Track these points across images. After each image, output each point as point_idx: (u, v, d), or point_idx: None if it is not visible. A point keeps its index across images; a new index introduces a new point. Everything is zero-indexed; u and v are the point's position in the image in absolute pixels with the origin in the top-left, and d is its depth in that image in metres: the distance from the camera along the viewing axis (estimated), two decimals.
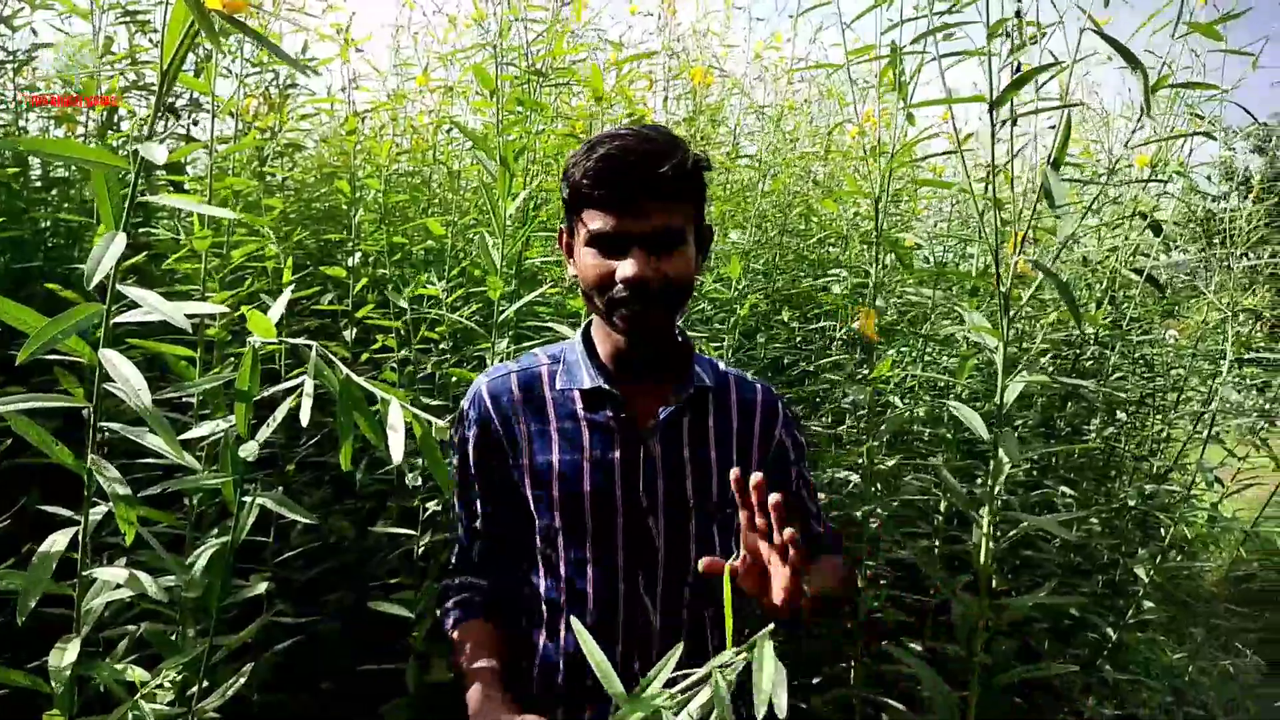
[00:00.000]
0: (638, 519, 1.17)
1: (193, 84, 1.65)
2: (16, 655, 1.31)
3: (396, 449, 0.85)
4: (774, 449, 1.28)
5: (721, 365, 1.31)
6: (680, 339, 1.26)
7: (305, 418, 0.86)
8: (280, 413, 1.00)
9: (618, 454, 1.17)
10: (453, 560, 1.31)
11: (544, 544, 1.20)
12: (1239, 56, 1.56)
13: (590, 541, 1.17)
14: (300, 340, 0.89)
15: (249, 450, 1.05)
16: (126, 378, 0.88)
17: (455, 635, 1.21)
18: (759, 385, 1.31)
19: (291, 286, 1.70)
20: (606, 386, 1.18)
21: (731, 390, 1.27)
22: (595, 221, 1.10)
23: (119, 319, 0.94)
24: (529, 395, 1.21)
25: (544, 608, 1.21)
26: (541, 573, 1.21)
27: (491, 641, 1.19)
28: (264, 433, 1.03)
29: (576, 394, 1.19)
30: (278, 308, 0.98)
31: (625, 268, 1.08)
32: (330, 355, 0.90)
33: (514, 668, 1.19)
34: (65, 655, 1.00)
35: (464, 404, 1.25)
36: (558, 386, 1.21)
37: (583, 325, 1.27)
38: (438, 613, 1.29)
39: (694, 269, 1.16)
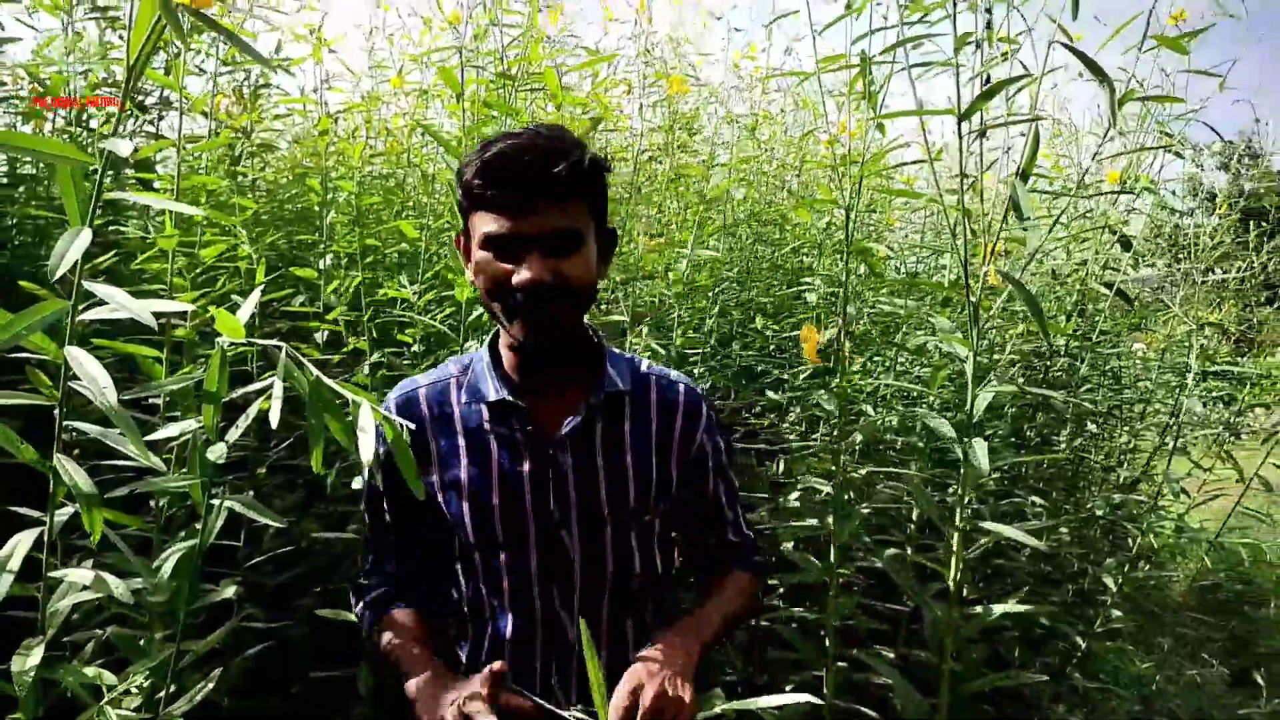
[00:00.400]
0: (550, 531, 1.14)
1: (162, 80, 1.63)
2: None
3: (366, 451, 0.85)
4: (694, 452, 1.25)
5: (644, 365, 1.27)
6: (595, 340, 1.23)
7: (275, 420, 0.85)
8: (250, 415, 0.99)
9: (526, 467, 1.14)
10: (366, 567, 1.28)
11: (460, 559, 1.18)
12: (1205, 78, 1.60)
13: (504, 555, 1.15)
14: (270, 342, 0.88)
15: (217, 452, 1.04)
16: (93, 376, 0.87)
17: (377, 630, 1.18)
18: (682, 385, 1.27)
19: (261, 287, 1.69)
20: (511, 399, 1.14)
21: (651, 391, 1.24)
22: (489, 224, 1.06)
23: (87, 317, 0.92)
24: (437, 410, 1.18)
25: (466, 625, 1.20)
26: (462, 589, 1.19)
27: (416, 625, 1.17)
28: (233, 434, 1.02)
29: (484, 408, 1.16)
30: (247, 308, 0.97)
31: (522, 272, 1.05)
32: (300, 357, 0.89)
33: (441, 646, 1.18)
34: (29, 659, 0.98)
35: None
36: (464, 399, 1.18)
37: (489, 336, 1.24)
38: (353, 616, 1.25)
39: (595, 271, 1.13)
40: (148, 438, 0.93)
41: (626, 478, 1.18)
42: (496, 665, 0.99)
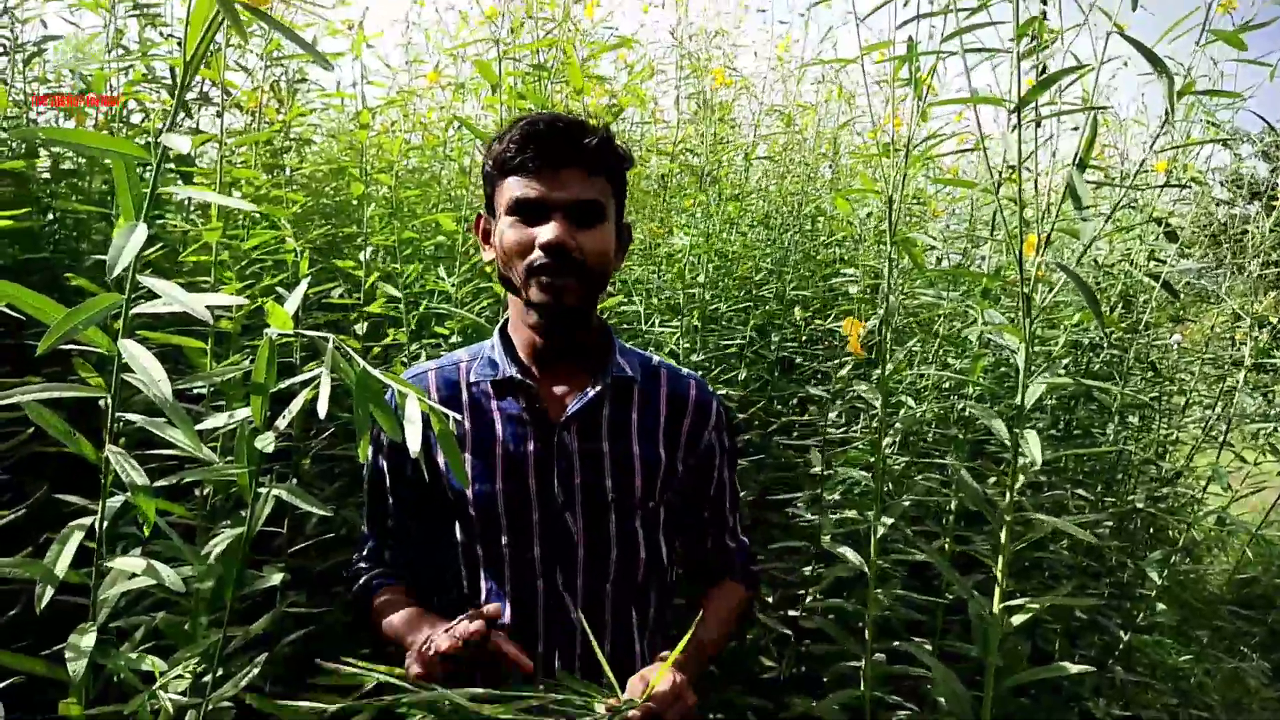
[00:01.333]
0: (554, 514, 1.14)
1: (204, 72, 1.65)
2: (34, 645, 1.31)
3: (414, 441, 0.85)
4: (701, 448, 1.25)
5: (655, 358, 1.28)
6: (601, 330, 1.24)
7: (323, 410, 0.86)
8: (296, 405, 0.99)
9: (531, 448, 1.15)
10: (362, 554, 1.28)
11: (463, 542, 1.18)
12: (1253, 66, 1.57)
13: (506, 537, 1.15)
14: (318, 333, 0.89)
15: (266, 441, 1.04)
16: (146, 369, 0.87)
17: (375, 608, 1.19)
18: (693, 381, 1.27)
19: (308, 279, 1.70)
20: (519, 376, 1.16)
21: (661, 383, 1.24)
22: (519, 189, 1.10)
23: (140, 310, 0.93)
24: (445, 392, 1.19)
25: (468, 606, 1.19)
26: (463, 572, 1.18)
27: (410, 597, 1.18)
28: (281, 423, 1.02)
29: (489, 386, 1.18)
30: (294, 300, 0.97)
31: (545, 232, 1.08)
32: (347, 348, 0.90)
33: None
34: (82, 643, 0.99)
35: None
36: (472, 380, 1.19)
37: (500, 321, 1.25)
38: (349, 598, 1.27)
39: (612, 254, 1.15)
40: (197, 427, 0.93)
41: (633, 464, 1.17)
42: (491, 607, 0.99)
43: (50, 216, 2.13)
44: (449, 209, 2.12)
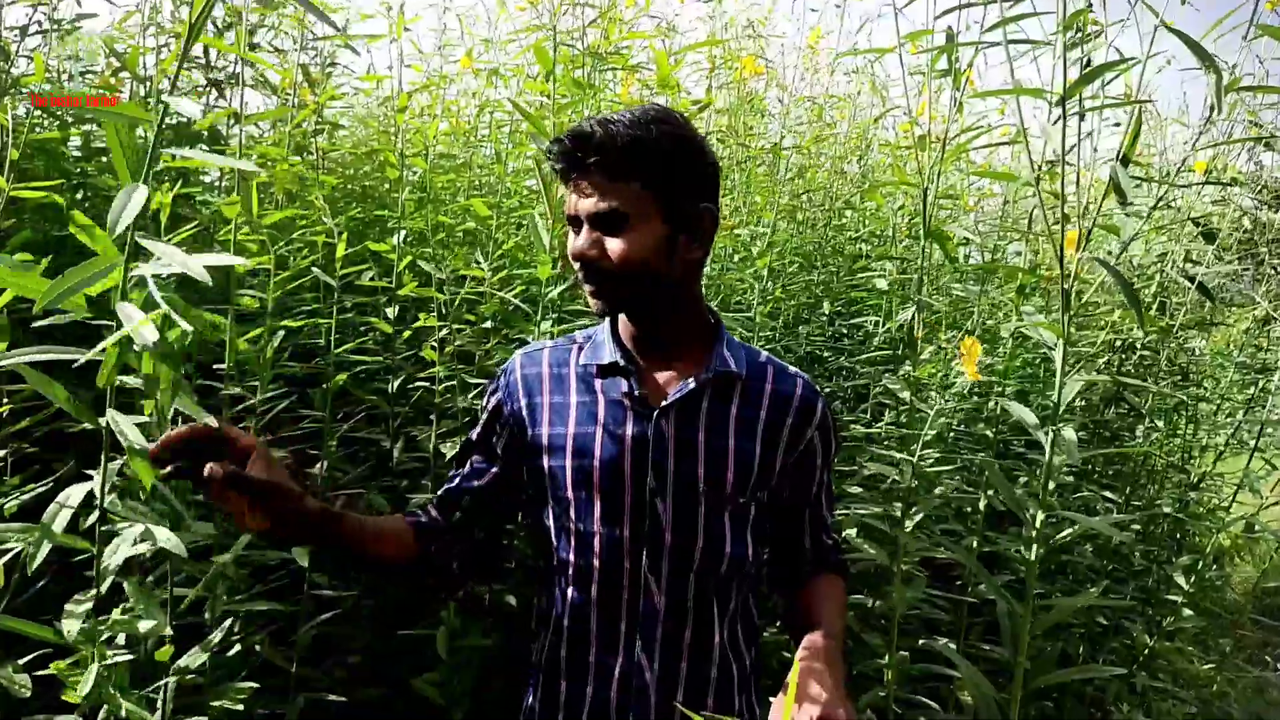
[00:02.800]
0: (645, 498, 1.16)
1: (231, 49, 1.65)
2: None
3: None
4: (803, 447, 1.25)
5: (762, 355, 1.28)
6: (710, 320, 1.25)
7: None
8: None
9: (629, 429, 1.16)
10: (435, 494, 1.30)
11: (557, 515, 1.20)
12: None
13: (599, 514, 1.17)
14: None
15: None
16: (131, 318, 0.85)
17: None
18: (800, 380, 1.27)
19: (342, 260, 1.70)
20: (622, 362, 1.18)
21: (767, 380, 1.24)
22: (567, 198, 1.15)
23: (140, 273, 0.91)
24: (556, 369, 1.23)
25: (557, 578, 1.21)
26: (554, 545, 1.21)
27: (389, 520, 1.20)
28: None
29: (595, 368, 1.20)
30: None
31: (570, 245, 1.13)
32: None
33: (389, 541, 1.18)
34: (78, 609, 1.00)
35: (499, 370, 1.28)
36: (581, 362, 1.22)
37: None
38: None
39: (652, 253, 1.13)
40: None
41: (726, 458, 1.18)
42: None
43: (80, 195, 2.15)
44: (479, 195, 2.12)
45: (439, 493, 1.27)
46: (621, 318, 1.22)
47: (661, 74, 1.62)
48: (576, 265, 1.14)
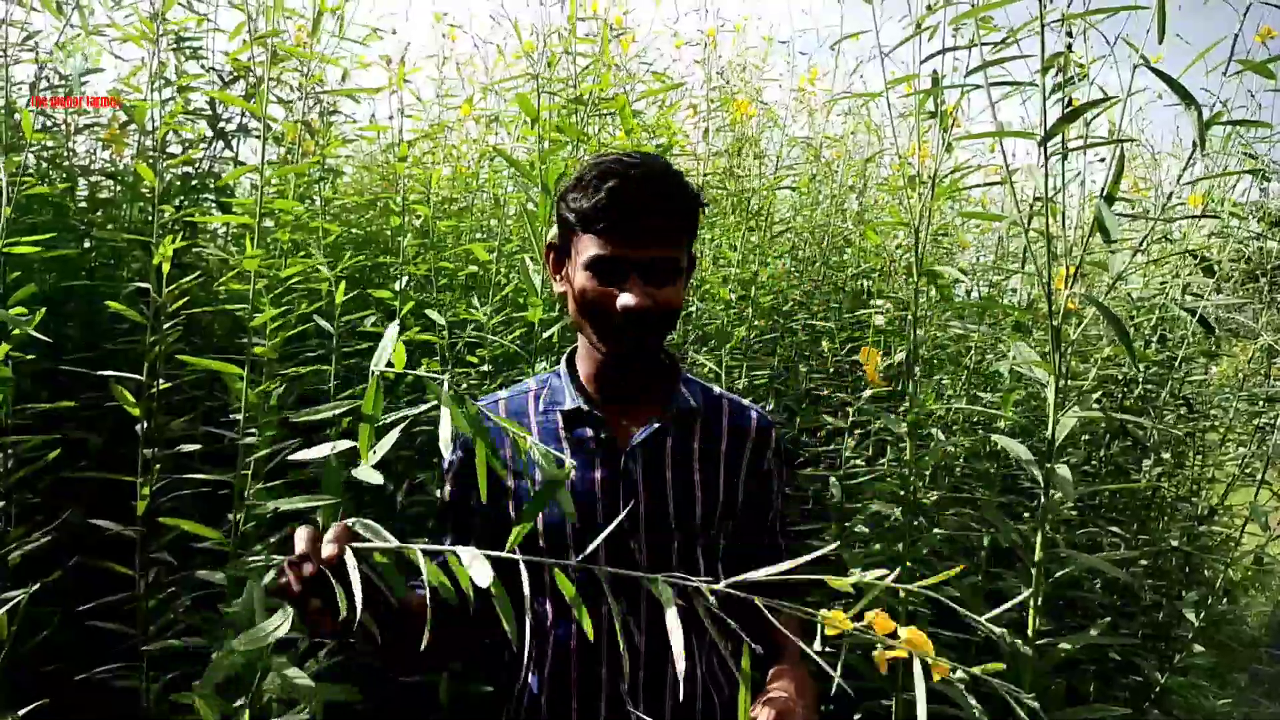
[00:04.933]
0: (620, 540, 1.16)
1: (245, 105, 1.69)
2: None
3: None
4: (761, 474, 1.28)
5: (716, 389, 1.31)
6: (667, 361, 1.26)
7: (446, 449, 0.79)
8: (388, 440, 0.93)
9: (598, 474, 1.17)
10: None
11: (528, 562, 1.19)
12: None
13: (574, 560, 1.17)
14: (430, 374, 0.87)
15: (370, 473, 0.93)
16: None
17: None
18: (754, 411, 1.30)
19: (342, 309, 1.72)
20: (587, 407, 1.18)
21: (724, 413, 1.27)
22: (596, 248, 1.10)
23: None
24: (516, 420, 1.22)
25: (529, 633, 1.20)
26: (525, 592, 1.19)
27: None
28: (374, 456, 0.92)
29: (559, 415, 1.20)
30: (385, 345, 0.90)
31: (626, 298, 1.08)
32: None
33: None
34: None
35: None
36: (541, 409, 1.22)
37: (568, 351, 1.28)
38: None
39: (682, 297, 1.18)
40: (302, 455, 0.90)
41: (694, 492, 1.20)
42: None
43: (87, 244, 2.18)
44: (481, 239, 2.15)
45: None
46: (587, 359, 1.22)
47: (623, 118, 1.64)
48: (622, 320, 1.10)
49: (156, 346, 1.49)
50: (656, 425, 1.18)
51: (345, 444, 0.86)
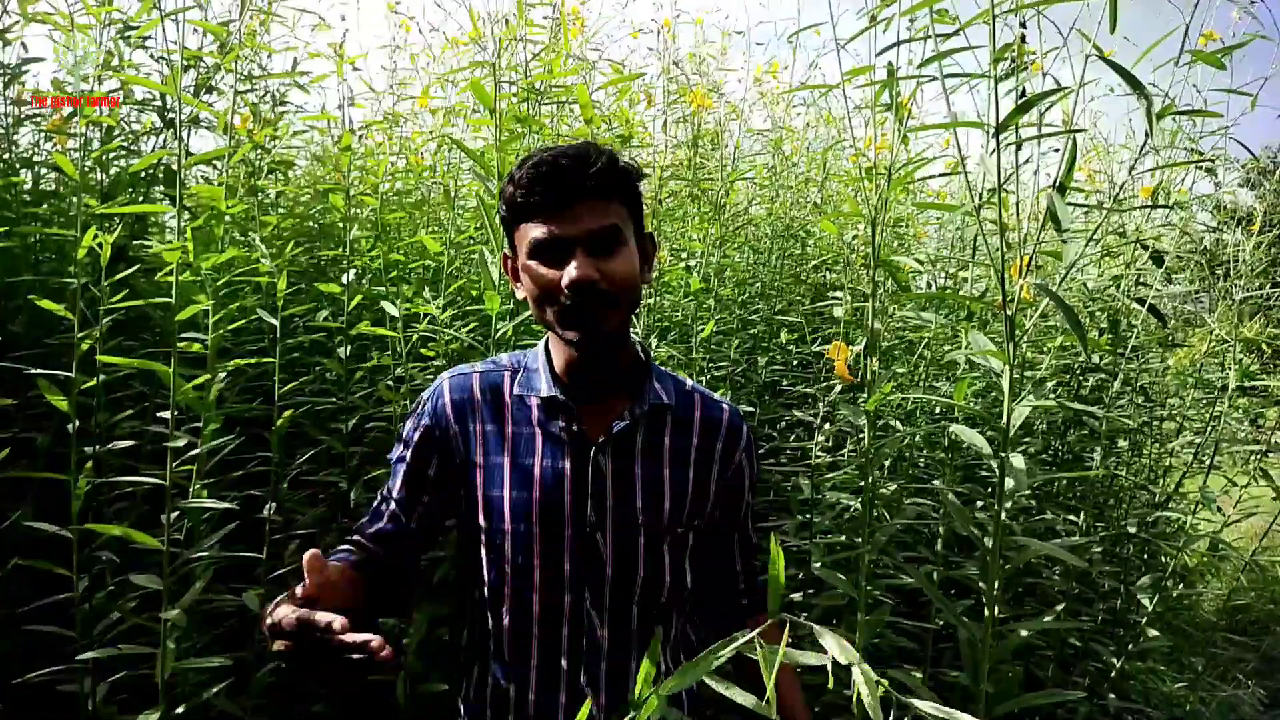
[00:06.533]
0: (585, 533, 1.16)
1: (195, 103, 1.65)
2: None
3: None
4: (732, 471, 1.27)
5: (688, 383, 1.30)
6: (642, 355, 1.25)
7: None
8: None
9: (568, 465, 1.16)
10: (358, 526, 1.24)
11: (491, 548, 1.17)
12: (1239, 98, 1.59)
13: (538, 549, 1.15)
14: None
15: None
16: None
17: None
18: (725, 406, 1.30)
19: (295, 303, 1.68)
20: (561, 397, 1.17)
21: (696, 408, 1.26)
22: (534, 231, 1.10)
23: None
24: (489, 397, 1.21)
25: (490, 611, 1.18)
26: (487, 576, 1.18)
27: (357, 567, 1.13)
28: None
29: (534, 401, 1.19)
30: None
31: (569, 271, 1.08)
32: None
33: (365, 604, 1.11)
34: None
35: (424, 394, 1.24)
36: (516, 392, 1.21)
37: (543, 340, 1.27)
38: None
39: (639, 272, 1.16)
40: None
41: (663, 489, 1.19)
42: (308, 555, 0.89)
43: (33, 239, 2.12)
44: (435, 232, 2.11)
45: (373, 524, 1.21)
46: (559, 351, 1.21)
47: (583, 104, 1.62)
48: (569, 291, 1.09)
49: (84, 342, 1.44)
50: (627, 420, 1.18)
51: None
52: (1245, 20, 1.65)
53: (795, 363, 2.35)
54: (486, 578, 1.18)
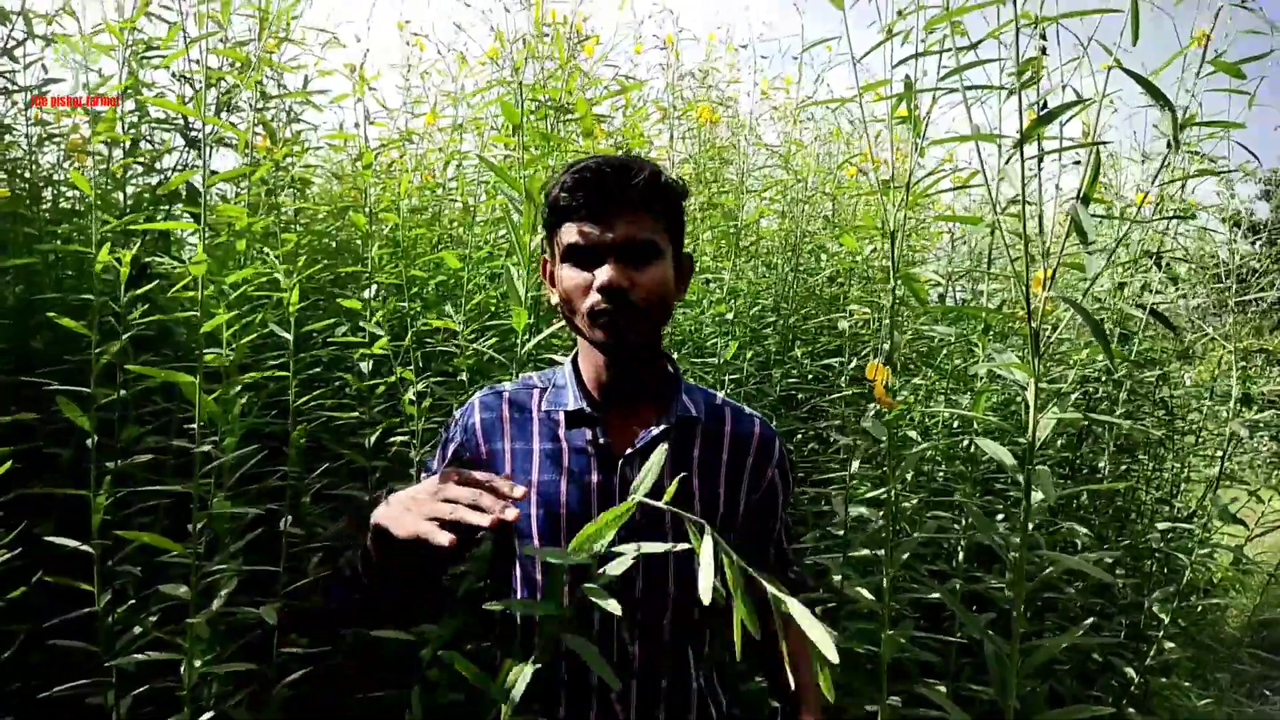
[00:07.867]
0: (614, 546, 1.15)
1: (219, 123, 1.66)
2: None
3: None
4: (765, 486, 1.27)
5: (719, 397, 1.30)
6: (670, 369, 1.26)
7: None
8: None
9: (594, 478, 1.16)
10: None
11: (522, 564, 1.18)
12: (1257, 109, 1.59)
13: (566, 566, 1.15)
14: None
15: None
16: None
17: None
18: (756, 419, 1.29)
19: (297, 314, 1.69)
20: (587, 409, 1.18)
21: (726, 422, 1.26)
22: (571, 235, 1.12)
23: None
24: (517, 414, 1.22)
25: (521, 631, 1.19)
26: (518, 594, 1.18)
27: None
28: None
29: (561, 415, 1.20)
30: None
31: (601, 275, 1.09)
32: None
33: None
34: None
35: (457, 412, 1.26)
36: (544, 408, 1.21)
37: (572, 353, 1.27)
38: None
39: (671, 287, 1.17)
40: None
41: (692, 503, 1.18)
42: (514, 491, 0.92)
43: (55, 257, 2.13)
44: (450, 247, 2.12)
45: None
46: (587, 363, 1.22)
47: (584, 122, 1.63)
48: (601, 298, 1.10)
49: (103, 357, 1.46)
50: (656, 432, 1.18)
51: None
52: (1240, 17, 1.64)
53: (810, 376, 2.35)
54: (518, 593, 1.18)
